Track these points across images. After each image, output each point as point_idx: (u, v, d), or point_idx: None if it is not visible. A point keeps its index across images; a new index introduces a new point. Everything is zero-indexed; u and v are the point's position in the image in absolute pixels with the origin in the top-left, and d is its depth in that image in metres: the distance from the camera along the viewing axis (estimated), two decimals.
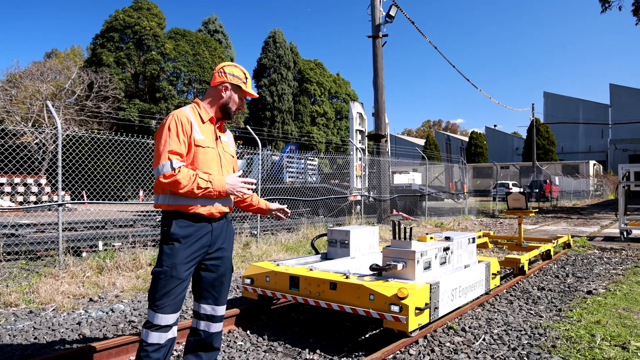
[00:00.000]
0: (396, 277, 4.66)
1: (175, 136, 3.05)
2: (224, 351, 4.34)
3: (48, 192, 22.12)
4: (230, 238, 3.44)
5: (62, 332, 4.80)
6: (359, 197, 16.23)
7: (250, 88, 3.43)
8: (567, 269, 8.40)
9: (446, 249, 5.24)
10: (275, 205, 3.81)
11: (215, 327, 3.42)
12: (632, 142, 60.64)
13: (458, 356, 4.08)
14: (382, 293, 4.29)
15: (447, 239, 5.49)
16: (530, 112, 47.06)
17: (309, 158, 24.53)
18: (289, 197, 14.85)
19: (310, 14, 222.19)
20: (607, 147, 64.32)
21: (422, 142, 79.90)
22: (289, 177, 22.94)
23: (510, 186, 37.85)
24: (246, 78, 3.40)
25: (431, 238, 5.46)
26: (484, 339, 4.54)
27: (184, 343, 4.11)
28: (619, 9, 25.69)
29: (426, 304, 4.35)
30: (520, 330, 4.79)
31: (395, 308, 4.17)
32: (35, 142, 28.12)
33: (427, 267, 4.83)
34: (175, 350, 4.31)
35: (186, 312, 5.57)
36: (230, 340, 4.66)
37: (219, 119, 3.40)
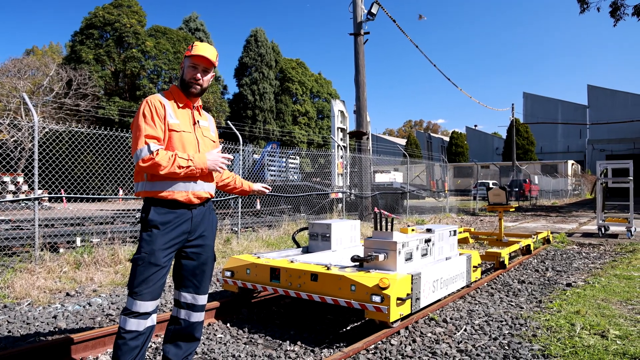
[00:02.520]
0: (378, 268, 4.64)
1: (150, 120, 3.02)
2: (203, 343, 4.28)
3: (25, 191, 21.70)
4: (212, 226, 3.38)
5: (38, 325, 4.69)
6: (340, 195, 16.21)
7: (197, 51, 3.20)
8: (546, 263, 8.47)
9: (427, 241, 5.24)
10: (257, 186, 3.81)
11: (196, 317, 3.34)
12: (609, 142, 61.48)
13: (439, 346, 4.07)
14: (364, 283, 4.27)
15: (429, 231, 5.49)
16: (510, 112, 47.58)
17: (291, 157, 24.47)
18: (269, 193, 14.77)
19: (292, 12, 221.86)
20: (585, 147, 65.09)
21: (403, 141, 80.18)
22: (270, 176, 22.85)
23: (491, 185, 38.13)
24: (193, 46, 3.24)
25: (412, 230, 5.46)
26: (465, 330, 4.54)
27: (163, 335, 4.05)
28: (597, 10, 25.99)
29: (408, 295, 4.34)
30: (501, 321, 4.80)
31: (377, 298, 4.15)
32: (12, 139, 27.64)
33: (409, 258, 4.81)
34: (154, 342, 4.24)
35: (165, 305, 5.49)
36: (209, 333, 4.60)
37: (195, 102, 3.33)
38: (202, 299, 3.36)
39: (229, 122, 10.50)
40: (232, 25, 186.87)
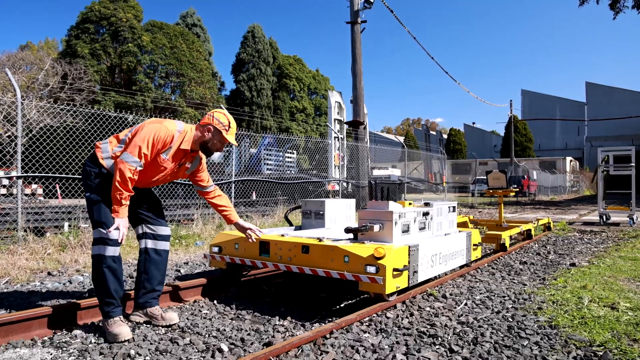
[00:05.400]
0: (372, 239, 4.39)
1: (152, 147, 3.50)
2: (187, 318, 4.01)
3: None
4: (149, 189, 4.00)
5: (12, 300, 4.42)
6: (337, 187, 15.95)
7: (231, 136, 3.77)
8: (548, 247, 8.21)
9: (426, 214, 4.97)
10: (248, 224, 4.24)
11: (162, 245, 3.87)
12: (607, 140, 61.18)
13: (439, 319, 3.81)
14: (358, 254, 4.01)
15: (427, 204, 5.23)
16: (509, 109, 47.38)
17: (288, 151, 24.26)
18: (265, 180, 14.52)
19: (289, 9, 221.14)
20: (583, 145, 64.94)
21: (401, 139, 79.92)
22: (267, 169, 22.63)
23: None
24: (229, 127, 3.76)
25: (410, 204, 5.20)
26: (466, 304, 4.28)
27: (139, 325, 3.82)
28: (597, 2, 25.73)
29: (405, 266, 4.07)
30: (504, 297, 4.54)
31: (372, 269, 3.89)
32: (6, 134, 27.31)
33: (406, 230, 4.55)
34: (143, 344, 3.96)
35: None
36: (194, 309, 4.33)
37: (194, 150, 3.78)
38: (164, 230, 3.92)
39: (222, 106, 10.24)
40: (229, 21, 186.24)
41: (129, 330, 3.49)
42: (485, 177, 35.09)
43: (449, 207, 5.58)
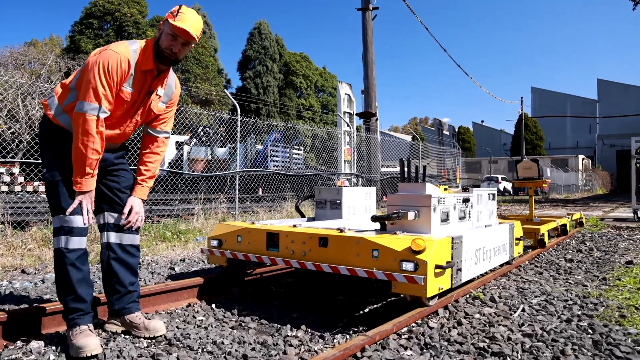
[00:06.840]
0: (406, 229, 3.57)
1: (109, 80, 2.72)
2: (177, 327, 3.21)
3: (21, 182, 20.76)
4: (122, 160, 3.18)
5: None
6: (346, 183, 15.16)
7: (180, 22, 2.74)
8: (587, 244, 7.36)
9: (466, 201, 4.14)
10: (136, 202, 3.11)
11: (129, 239, 3.06)
12: (620, 138, 59.88)
13: (497, 330, 2.97)
14: (391, 247, 3.19)
15: (465, 190, 4.40)
16: (519, 106, 46.37)
17: (295, 147, 23.53)
18: (272, 171, 13.75)
19: (295, 7, 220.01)
20: (594, 143, 63.66)
21: (408, 138, 78.96)
22: (273, 166, 21.93)
23: (500, 180, 36.97)
24: (178, 12, 2.77)
25: (445, 189, 4.36)
26: (523, 310, 3.44)
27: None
28: None
29: (448, 263, 3.25)
30: (566, 300, 3.70)
31: (409, 266, 3.07)
32: (10, 130, 26.67)
33: (445, 219, 3.73)
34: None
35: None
36: (187, 315, 3.53)
37: (161, 71, 2.96)
38: None
39: (225, 90, 9.47)
40: (235, 18, 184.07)
41: (98, 342, 2.71)
42: (496, 176, 34.14)
43: (489, 194, 4.76)
